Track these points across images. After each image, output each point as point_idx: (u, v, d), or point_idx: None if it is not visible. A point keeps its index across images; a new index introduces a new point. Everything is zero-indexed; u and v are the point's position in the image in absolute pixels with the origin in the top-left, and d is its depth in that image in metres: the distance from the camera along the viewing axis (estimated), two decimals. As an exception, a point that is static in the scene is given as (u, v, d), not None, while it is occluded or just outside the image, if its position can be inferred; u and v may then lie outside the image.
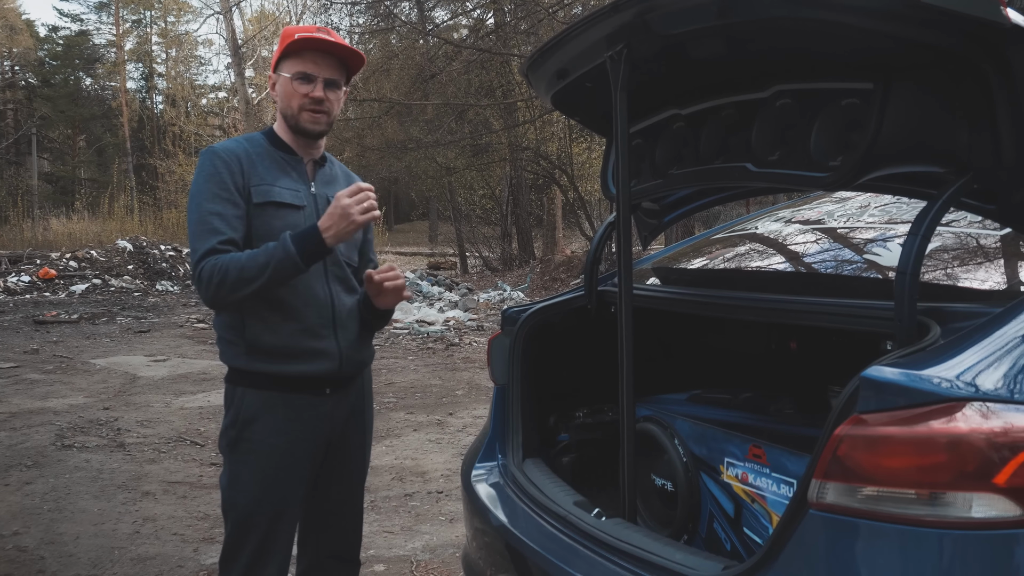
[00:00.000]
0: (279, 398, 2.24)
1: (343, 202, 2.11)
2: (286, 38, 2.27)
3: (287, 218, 2.23)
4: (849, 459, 1.42)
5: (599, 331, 2.65)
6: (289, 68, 2.27)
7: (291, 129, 2.32)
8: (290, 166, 2.32)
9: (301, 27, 2.31)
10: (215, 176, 2.19)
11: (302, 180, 2.32)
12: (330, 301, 2.28)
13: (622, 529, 1.91)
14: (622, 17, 1.88)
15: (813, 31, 1.68)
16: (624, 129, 2.02)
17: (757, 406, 2.56)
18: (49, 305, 14.13)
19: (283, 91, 2.29)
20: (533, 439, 2.57)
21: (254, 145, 2.30)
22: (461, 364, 8.77)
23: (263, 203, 2.21)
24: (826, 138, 1.80)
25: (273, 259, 2.09)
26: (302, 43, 2.25)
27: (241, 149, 2.27)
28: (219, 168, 2.20)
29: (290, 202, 2.25)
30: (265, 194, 2.22)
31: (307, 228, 2.14)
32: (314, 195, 2.32)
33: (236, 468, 2.26)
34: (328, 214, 2.12)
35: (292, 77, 2.26)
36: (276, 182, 2.26)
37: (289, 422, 2.25)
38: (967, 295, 1.87)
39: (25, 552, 3.89)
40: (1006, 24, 1.47)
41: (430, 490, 4.77)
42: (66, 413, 6.60)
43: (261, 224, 2.21)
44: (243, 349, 2.23)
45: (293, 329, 2.22)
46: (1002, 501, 1.33)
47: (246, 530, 2.25)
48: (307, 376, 2.25)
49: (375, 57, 19.01)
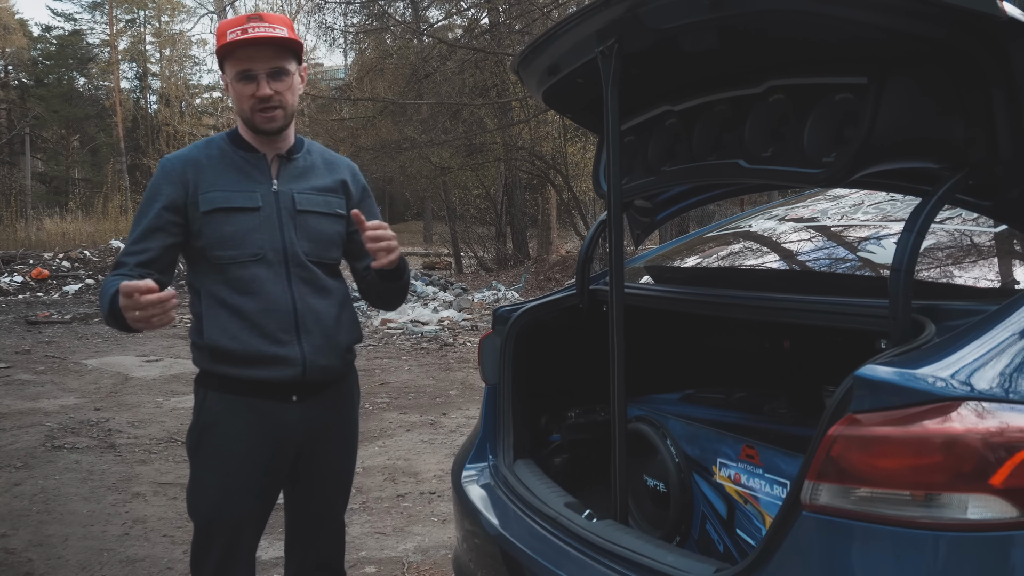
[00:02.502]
0: (242, 402, 2.17)
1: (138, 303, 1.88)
2: (219, 39, 2.17)
3: (239, 222, 2.17)
4: (843, 460, 1.40)
5: (591, 330, 2.62)
6: (230, 69, 2.18)
7: (252, 129, 2.25)
8: (251, 165, 2.24)
9: (231, 21, 2.19)
10: (154, 195, 2.21)
11: (263, 179, 2.24)
12: (292, 306, 2.19)
13: (613, 531, 1.89)
14: (613, 12, 1.85)
15: (805, 23, 1.66)
16: (615, 125, 1.99)
17: (751, 406, 2.54)
18: (42, 305, 14.08)
19: (235, 92, 2.21)
20: (524, 440, 2.54)
21: (212, 149, 2.25)
22: (455, 364, 8.74)
23: (210, 211, 2.17)
24: (820, 134, 1.78)
25: (103, 306, 2.07)
26: (232, 45, 2.14)
27: (194, 156, 2.23)
28: (160, 186, 2.21)
29: (241, 206, 2.18)
30: (211, 201, 2.17)
31: (115, 294, 1.96)
32: (276, 193, 2.23)
33: (198, 472, 2.23)
34: (130, 303, 1.89)
35: (234, 79, 2.18)
36: (228, 187, 2.19)
37: (249, 427, 2.18)
38: (962, 293, 1.85)
39: (13, 554, 3.85)
40: (1003, 17, 1.44)
41: (423, 491, 4.73)
42: (57, 414, 6.55)
43: (212, 231, 2.17)
44: (207, 353, 2.17)
45: (251, 335, 2.14)
46: (998, 502, 1.31)
47: (209, 536, 2.21)
48: (268, 381, 2.18)
49: (369, 57, 18.98)
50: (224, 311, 2.14)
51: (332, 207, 2.32)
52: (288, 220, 2.22)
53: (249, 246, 2.16)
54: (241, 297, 2.15)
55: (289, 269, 2.20)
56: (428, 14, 19.80)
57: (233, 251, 2.15)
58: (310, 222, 2.25)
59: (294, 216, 2.23)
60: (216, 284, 2.18)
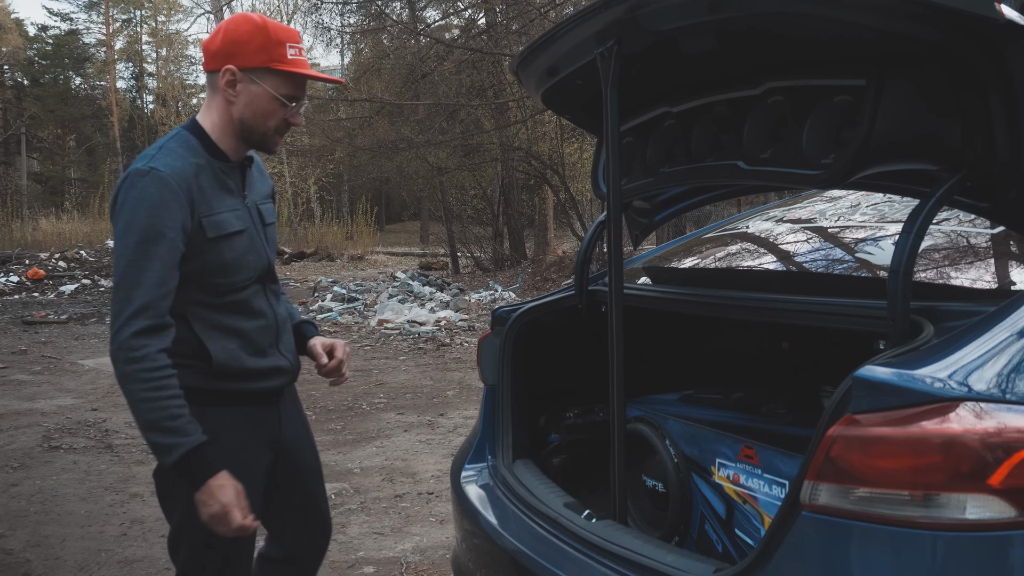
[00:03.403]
0: (240, 414, 2.16)
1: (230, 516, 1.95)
2: (277, 47, 2.02)
3: (236, 247, 2.07)
4: (842, 460, 1.40)
5: (590, 331, 2.63)
6: (276, 86, 2.04)
7: (248, 142, 2.11)
8: (228, 178, 2.11)
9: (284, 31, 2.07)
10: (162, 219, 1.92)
11: (239, 193, 2.14)
12: (274, 319, 2.20)
13: (612, 531, 1.90)
14: (612, 13, 1.86)
15: (804, 25, 1.67)
16: (615, 126, 2.00)
17: (749, 406, 2.54)
18: (38, 305, 14.05)
19: (262, 106, 2.04)
20: (523, 440, 2.55)
21: (195, 155, 2.04)
22: (452, 364, 8.74)
23: (216, 237, 2.02)
24: (818, 135, 1.78)
25: (162, 439, 1.94)
26: (297, 68, 2.04)
27: (190, 170, 2.00)
28: (170, 209, 1.93)
29: (237, 229, 2.08)
30: (217, 226, 2.02)
31: (206, 465, 1.95)
32: (248, 208, 2.15)
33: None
34: (218, 503, 1.94)
35: (279, 96, 2.04)
36: (222, 207, 2.05)
37: (247, 435, 2.18)
38: (960, 294, 1.86)
39: (11, 555, 3.85)
40: (1000, 20, 1.45)
41: (420, 491, 4.74)
42: (54, 414, 6.55)
43: (215, 258, 2.03)
44: (205, 370, 2.09)
45: (251, 353, 2.14)
46: (996, 502, 1.32)
47: (211, 551, 2.13)
48: (265, 391, 2.20)
49: (366, 57, 18.96)
50: (222, 334, 2.08)
51: (274, 214, 2.32)
52: (262, 235, 2.19)
53: (245, 270, 2.11)
54: (236, 317, 2.10)
55: (265, 284, 2.19)
56: (425, 14, 19.79)
57: (234, 277, 2.09)
58: (270, 233, 2.24)
59: (264, 229, 2.21)
60: (208, 309, 2.07)
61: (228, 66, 2.02)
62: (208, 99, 2.10)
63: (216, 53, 2.04)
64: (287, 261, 23.86)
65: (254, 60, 2.01)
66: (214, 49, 2.05)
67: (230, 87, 2.04)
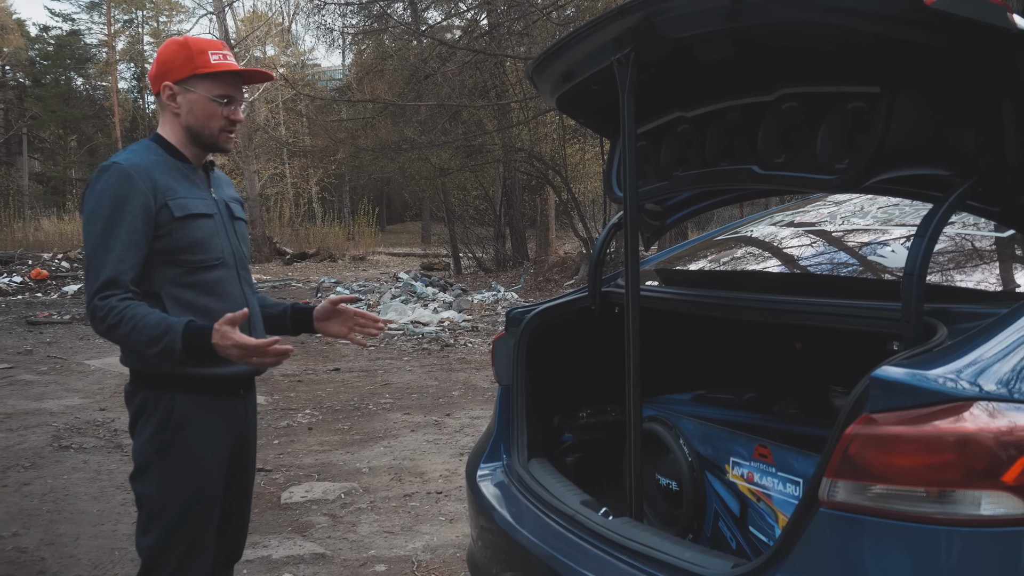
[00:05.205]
0: (208, 401, 2.29)
1: (251, 347, 2.07)
2: (199, 55, 2.24)
3: (204, 228, 2.26)
4: (859, 458, 1.44)
5: (602, 332, 2.66)
6: (208, 89, 2.25)
7: (201, 146, 2.31)
8: (192, 173, 2.32)
9: (207, 42, 2.30)
10: (122, 203, 2.14)
11: (203, 187, 2.34)
12: (248, 305, 2.29)
13: (631, 528, 1.93)
14: (629, 20, 1.89)
15: (821, 34, 1.70)
16: (631, 132, 2.03)
17: (761, 406, 2.58)
18: (41, 306, 14.08)
19: (201, 110, 2.25)
20: (537, 439, 2.58)
21: (155, 154, 2.27)
22: (457, 365, 8.77)
23: (183, 216, 2.21)
24: (832, 141, 1.82)
25: (162, 342, 2.08)
26: (223, 70, 2.25)
27: (149, 163, 2.22)
28: (128, 195, 2.15)
29: (204, 211, 2.28)
30: (184, 207, 2.22)
31: (201, 328, 2.10)
32: (216, 201, 2.35)
33: (167, 473, 2.27)
34: (234, 343, 2.07)
35: (213, 98, 2.25)
36: (188, 193, 2.26)
37: (215, 423, 2.30)
38: (973, 296, 1.89)
39: (25, 553, 3.88)
40: (1012, 29, 1.49)
41: (429, 490, 4.77)
42: (62, 414, 6.58)
43: (183, 236, 2.21)
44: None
45: None
46: (1010, 499, 1.36)
47: (177, 534, 2.28)
48: (232, 378, 2.32)
49: (368, 58, 18.98)
50: (193, 313, 2.20)
51: (244, 212, 2.53)
52: (230, 226, 2.38)
53: (214, 250, 2.28)
54: (207, 299, 2.25)
55: (239, 272, 2.37)
56: (427, 15, 19.82)
57: (202, 255, 2.25)
58: (241, 228, 2.45)
59: (233, 222, 2.40)
60: (180, 288, 2.23)
61: (165, 83, 2.27)
62: (161, 118, 2.34)
63: (155, 76, 2.30)
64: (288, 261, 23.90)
65: (183, 71, 2.25)
66: (152, 74, 2.31)
67: (172, 100, 2.27)
